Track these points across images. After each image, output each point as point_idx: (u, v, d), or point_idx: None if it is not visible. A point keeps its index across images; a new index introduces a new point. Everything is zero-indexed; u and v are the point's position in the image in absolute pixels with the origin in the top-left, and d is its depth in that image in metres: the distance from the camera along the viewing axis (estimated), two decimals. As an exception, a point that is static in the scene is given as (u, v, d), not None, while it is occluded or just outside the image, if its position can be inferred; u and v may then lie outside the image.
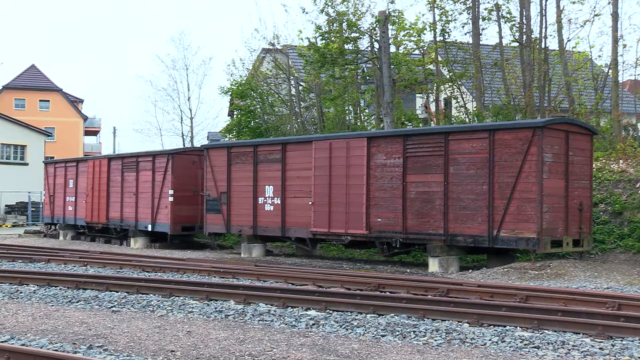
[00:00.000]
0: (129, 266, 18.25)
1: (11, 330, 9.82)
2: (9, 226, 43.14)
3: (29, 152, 49.63)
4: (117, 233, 27.78)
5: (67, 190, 30.95)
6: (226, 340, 9.15)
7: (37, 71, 70.76)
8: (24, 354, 7.64)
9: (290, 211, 20.75)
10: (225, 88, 37.03)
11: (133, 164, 26.78)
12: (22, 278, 14.93)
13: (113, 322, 10.46)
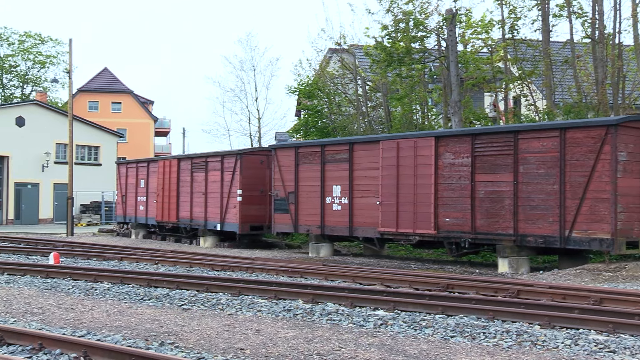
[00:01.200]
0: (199, 265, 18.53)
1: (87, 326, 10.09)
2: (84, 225, 44.31)
3: (102, 152, 50.88)
4: (187, 232, 28.22)
5: (138, 190, 31.58)
6: (295, 339, 9.20)
7: (110, 74, 72.44)
8: (100, 349, 7.84)
9: (358, 211, 20.74)
10: (292, 88, 37.24)
11: (202, 164, 27.16)
12: (96, 275, 15.32)
13: (184, 319, 10.63)
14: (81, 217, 45.78)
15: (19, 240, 28.58)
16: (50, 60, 72.86)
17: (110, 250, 23.27)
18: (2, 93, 72.31)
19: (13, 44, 71.54)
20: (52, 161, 47.17)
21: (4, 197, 45.60)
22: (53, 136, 47.17)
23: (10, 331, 8.82)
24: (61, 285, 14.60)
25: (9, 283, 14.99)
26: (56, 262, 18.76)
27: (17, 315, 11.07)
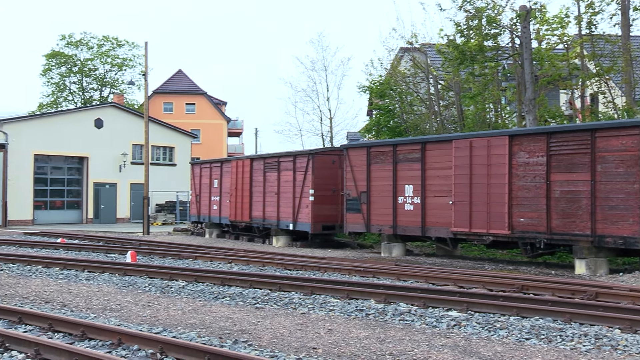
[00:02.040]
0: (272, 264, 18.68)
1: (163, 323, 10.29)
2: (159, 224, 45.22)
3: (176, 153, 51.83)
4: (259, 231, 28.49)
5: (212, 189, 32.04)
6: (367, 339, 9.18)
7: (184, 76, 73.77)
8: (176, 345, 7.99)
9: (430, 210, 20.58)
10: (364, 88, 37.20)
11: (274, 164, 27.38)
12: (172, 274, 15.61)
13: (257, 318, 10.73)
14: (157, 217, 46.74)
15: (98, 238, 29.37)
16: (126, 63, 74.73)
17: (185, 249, 23.67)
18: (82, 96, 74.50)
19: (92, 48, 73.65)
20: (129, 162, 48.30)
21: (84, 197, 46.92)
22: (130, 137, 48.31)
23: (91, 326, 9.07)
24: (138, 283, 14.93)
25: (89, 280, 15.42)
26: (133, 261, 19.20)
27: (97, 311, 11.37)
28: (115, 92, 70.07)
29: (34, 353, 8.01)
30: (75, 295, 13.07)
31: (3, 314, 10.44)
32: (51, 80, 74.19)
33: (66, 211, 46.76)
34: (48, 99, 74.44)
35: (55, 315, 9.89)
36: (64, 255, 21.79)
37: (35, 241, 27.22)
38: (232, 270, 16.60)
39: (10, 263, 18.80)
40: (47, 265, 18.10)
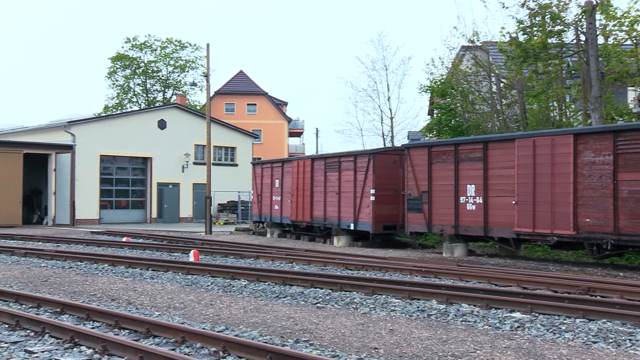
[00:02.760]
0: (333, 264, 18.69)
1: (226, 322, 10.40)
2: (221, 224, 45.74)
3: (238, 153, 52.35)
4: (320, 231, 28.55)
5: (273, 189, 32.24)
6: (429, 339, 9.11)
7: (245, 76, 74.45)
8: (238, 344, 8.06)
9: (493, 210, 20.32)
10: (424, 87, 36.95)
11: (335, 164, 27.40)
12: (234, 273, 15.76)
13: (318, 317, 10.75)
14: (219, 216, 47.28)
15: (161, 237, 29.86)
16: (189, 64, 75.86)
17: (247, 248, 23.87)
18: (146, 97, 75.91)
19: (155, 50, 74.98)
20: (192, 162, 48.98)
21: (148, 197, 47.76)
22: (192, 138, 48.98)
23: (156, 324, 9.22)
24: (201, 281, 15.12)
25: (153, 278, 15.68)
26: (196, 260, 19.45)
27: (161, 309, 11.56)
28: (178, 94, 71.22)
29: (101, 349, 8.19)
30: (140, 293, 13.31)
31: (72, 311, 10.71)
32: (116, 82, 75.83)
33: (131, 211, 47.68)
34: (113, 101, 76.13)
35: (121, 313, 10.09)
36: (129, 254, 22.22)
37: (102, 240, 27.84)
38: (293, 270, 16.67)
39: (78, 261, 19.27)
40: (113, 263, 18.49)
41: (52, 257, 20.15)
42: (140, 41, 74.53)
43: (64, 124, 44.07)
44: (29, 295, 12.09)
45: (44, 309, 11.18)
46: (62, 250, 22.36)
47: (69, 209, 42.44)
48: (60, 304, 11.10)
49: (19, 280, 15.39)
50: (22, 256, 20.82)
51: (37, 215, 45.99)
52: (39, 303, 11.48)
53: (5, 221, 39.26)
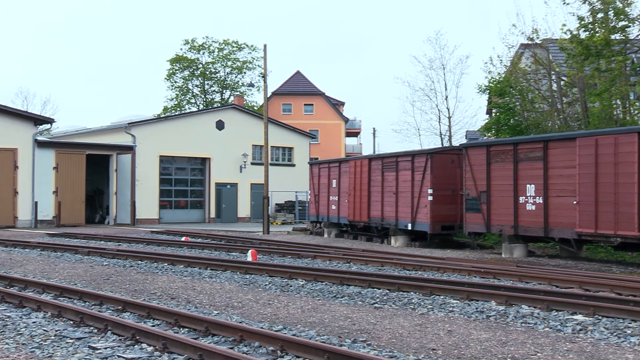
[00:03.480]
0: (390, 264, 18.62)
1: (283, 321, 10.44)
2: (279, 224, 46.00)
3: (295, 153, 52.58)
4: (378, 231, 28.47)
5: (330, 189, 32.27)
6: (488, 341, 9.00)
7: (302, 77, 74.75)
8: (296, 343, 8.08)
9: (553, 211, 19.96)
10: (482, 86, 36.52)
11: (392, 163, 27.29)
12: (291, 273, 15.82)
13: (375, 318, 10.72)
14: (276, 216, 47.54)
15: (220, 237, 30.16)
16: (246, 65, 76.51)
17: (304, 248, 23.94)
18: (204, 98, 76.85)
19: (213, 52, 75.85)
20: (249, 162, 49.38)
21: (206, 197, 48.32)
22: (250, 138, 49.36)
23: (215, 323, 9.31)
24: (258, 281, 15.22)
25: (212, 278, 15.85)
26: (254, 259, 19.59)
27: (220, 308, 11.67)
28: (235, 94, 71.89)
29: (161, 346, 8.31)
30: (199, 292, 13.47)
31: (133, 309, 10.90)
32: (175, 84, 76.94)
33: (190, 210, 48.30)
34: (172, 102, 77.28)
35: (180, 311, 10.22)
36: (188, 253, 22.50)
37: (161, 239, 28.27)
38: (350, 270, 16.66)
39: (138, 260, 19.60)
40: (173, 262, 18.76)
41: (114, 256, 20.54)
42: (198, 43, 75.51)
43: (124, 126, 44.91)
44: (92, 293, 12.34)
45: (106, 307, 11.41)
46: (123, 249, 22.78)
47: (130, 208, 43.22)
48: (121, 301, 11.31)
49: (83, 278, 15.74)
50: (85, 255, 21.28)
51: (99, 214, 46.97)
52: (101, 301, 11.71)
53: (69, 220, 40.21)
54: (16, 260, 19.93)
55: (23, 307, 11.37)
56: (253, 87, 71.72)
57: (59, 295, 12.64)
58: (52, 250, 22.90)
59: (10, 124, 39.02)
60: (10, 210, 38.66)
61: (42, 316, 10.62)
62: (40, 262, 19.23)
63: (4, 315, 10.74)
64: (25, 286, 13.84)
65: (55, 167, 40.17)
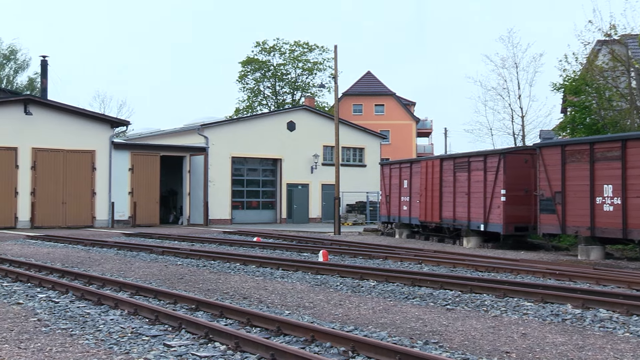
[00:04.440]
0: (462, 265, 18.41)
1: (355, 322, 10.43)
2: (350, 224, 46.00)
3: (366, 154, 52.51)
4: (449, 232, 28.20)
5: (401, 190, 32.12)
6: (564, 345, 8.80)
7: (372, 77, 74.60)
8: (367, 344, 8.06)
9: (633, 212, 19.39)
10: (557, 84, 35.75)
11: (464, 164, 26.99)
12: (362, 273, 15.79)
13: (447, 319, 10.61)
14: (347, 217, 47.57)
15: (291, 238, 30.35)
16: (317, 66, 76.81)
17: (375, 249, 23.88)
18: (275, 100, 77.51)
19: (284, 53, 76.42)
20: (320, 163, 49.53)
21: (277, 197, 48.69)
22: (320, 139, 49.52)
23: (286, 323, 9.37)
24: (330, 281, 15.25)
25: (283, 278, 15.96)
26: (325, 260, 19.63)
27: (291, 308, 11.74)
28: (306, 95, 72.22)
29: (234, 345, 8.40)
30: (271, 292, 13.57)
31: (206, 308, 11.06)
32: (247, 85, 77.82)
33: (261, 211, 48.75)
34: (244, 104, 78.17)
35: (253, 311, 10.31)
36: (260, 253, 22.71)
37: (234, 240, 28.61)
38: (422, 271, 16.54)
39: (211, 260, 19.88)
40: (245, 262, 18.96)
41: (187, 256, 20.89)
42: (269, 45, 76.17)
43: (197, 127, 45.64)
44: (166, 291, 12.57)
45: (180, 305, 11.60)
46: (196, 249, 23.14)
47: (203, 209, 43.89)
48: (195, 300, 11.48)
49: (157, 277, 16.05)
50: (159, 254, 21.71)
51: (173, 215, 47.84)
52: (175, 299, 11.92)
53: (144, 220, 41.11)
54: (94, 259, 20.48)
55: (101, 305, 11.68)
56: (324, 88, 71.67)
57: (135, 294, 12.92)
58: (128, 249, 23.44)
59: (88, 127, 40.12)
60: (89, 210, 39.75)
61: (119, 314, 10.88)
62: (117, 261, 19.71)
63: (84, 312, 11.05)
64: (103, 284, 14.20)
65: (130, 168, 41.13)
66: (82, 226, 38.96)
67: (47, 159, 38.43)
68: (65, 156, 39.03)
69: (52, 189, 38.43)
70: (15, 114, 37.63)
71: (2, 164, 37.13)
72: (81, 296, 12.45)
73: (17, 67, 76.20)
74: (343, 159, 50.34)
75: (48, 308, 11.45)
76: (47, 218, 38.21)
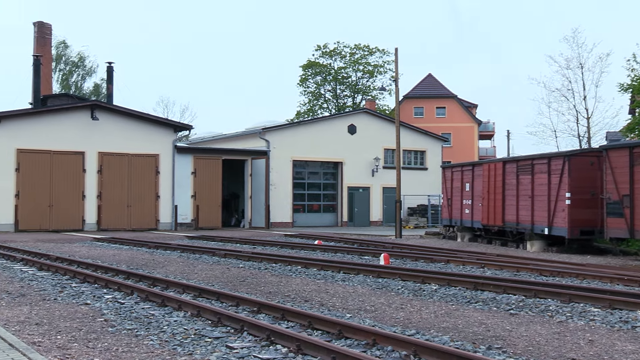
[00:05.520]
0: (526, 269, 18.12)
1: (416, 326, 10.36)
2: (411, 227, 45.74)
3: (427, 157, 52.15)
4: (512, 236, 27.79)
5: (463, 193, 31.81)
6: (634, 353, 8.57)
7: (434, 80, 74.05)
8: (429, 348, 7.99)
9: None
10: (625, 85, 34.93)
11: (528, 166, 26.57)
12: (424, 277, 15.68)
13: (511, 324, 10.45)
14: (408, 220, 47.32)
15: (352, 241, 30.32)
16: (377, 69, 76.72)
17: (437, 252, 23.69)
18: (336, 103, 77.67)
19: (345, 57, 76.56)
20: (381, 166, 49.37)
21: (338, 200, 48.71)
22: (381, 142, 49.37)
23: (348, 326, 9.36)
24: (391, 285, 15.18)
25: (344, 281, 15.94)
26: (386, 263, 19.56)
27: (352, 311, 11.72)
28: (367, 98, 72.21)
29: (295, 348, 8.43)
30: (332, 295, 13.58)
31: (268, 310, 11.12)
32: (307, 89, 78.19)
33: (322, 214, 48.84)
34: (305, 107, 78.56)
35: (314, 314, 10.33)
36: (321, 256, 22.75)
37: (295, 243, 28.75)
38: (485, 275, 16.34)
39: (273, 263, 20.00)
40: (306, 265, 19.01)
41: (249, 259, 21.06)
42: (330, 48, 76.42)
43: (258, 131, 46.01)
44: (228, 294, 12.69)
45: (242, 308, 11.69)
46: (258, 252, 23.31)
47: (264, 212, 44.21)
48: (257, 303, 11.56)
49: (220, 279, 16.22)
50: (222, 257, 21.93)
51: (234, 218, 48.32)
52: (237, 302, 12.02)
53: (207, 223, 41.62)
54: (158, 261, 20.82)
55: (165, 306, 11.85)
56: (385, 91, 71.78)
57: (197, 296, 13.08)
58: (191, 252, 23.76)
59: (152, 131, 40.85)
60: (153, 213, 40.45)
61: (183, 315, 11.03)
62: (180, 264, 19.99)
63: (148, 313, 11.24)
64: (167, 286, 14.42)
65: (193, 172, 41.70)
66: (146, 229, 39.66)
67: (112, 162, 39.27)
68: (130, 160, 39.82)
69: (117, 192, 39.25)
70: (82, 119, 38.57)
71: (71, 168, 38.09)
72: (146, 297, 12.67)
73: (85, 74, 78.20)
74: (404, 161, 50.06)
75: (114, 309, 11.68)
76: (112, 221, 39.04)
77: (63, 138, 37.91)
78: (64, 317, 10.91)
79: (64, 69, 76.73)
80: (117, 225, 38.91)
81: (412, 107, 70.72)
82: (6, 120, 36.81)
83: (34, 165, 37.15)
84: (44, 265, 18.31)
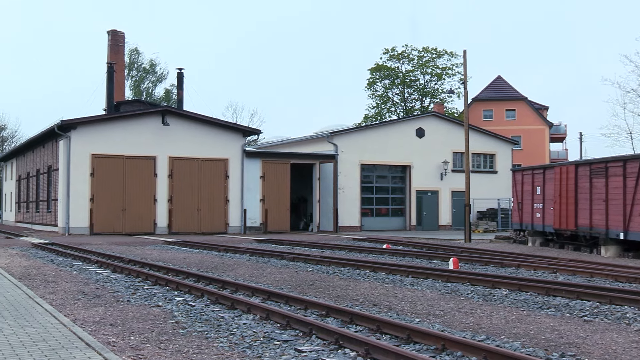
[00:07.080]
0: (601, 275, 17.67)
1: (486, 331, 10.21)
2: (481, 231, 45.15)
3: (497, 160, 51.41)
4: (586, 240, 27.14)
5: (534, 196, 31.24)
6: None
7: (503, 82, 73.05)
8: (500, 355, 7.85)
9: None
10: None
11: (601, 169, 25.91)
12: (494, 282, 15.45)
13: (585, 332, 10.20)
14: (478, 224, 46.73)
15: (421, 245, 30.12)
16: (445, 72, 76.11)
17: (507, 257, 23.30)
18: (404, 106, 77.33)
19: (413, 60, 76.18)
20: (450, 169, 48.91)
21: (407, 204, 48.46)
22: (450, 145, 48.92)
23: (416, 330, 9.29)
24: (460, 289, 15.00)
25: (413, 285, 15.84)
26: (455, 267, 19.35)
27: (421, 316, 11.63)
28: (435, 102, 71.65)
29: (364, 352, 8.40)
30: (401, 300, 13.50)
31: (336, 314, 11.12)
32: (375, 92, 78.09)
33: (390, 218, 48.65)
34: (373, 111, 78.49)
35: (382, 318, 10.29)
36: (389, 260, 22.64)
37: (363, 246, 28.70)
38: (557, 280, 16.00)
39: (341, 266, 20.00)
40: (374, 269, 18.95)
41: (317, 262, 21.11)
42: (397, 52, 76.13)
43: (326, 135, 46.14)
44: (297, 297, 12.75)
45: (310, 311, 11.73)
46: (326, 255, 23.34)
47: (332, 216, 44.29)
48: (325, 307, 11.57)
49: (288, 283, 16.30)
50: (290, 260, 22.05)
51: (303, 222, 48.55)
52: (306, 305, 12.06)
53: (275, 227, 41.96)
54: (227, 264, 21.06)
55: (234, 309, 11.98)
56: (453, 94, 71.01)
57: (266, 299, 13.17)
58: (260, 255, 23.96)
59: (222, 136, 41.42)
60: (222, 217, 40.99)
61: (252, 318, 11.12)
62: (249, 267, 20.18)
63: (218, 315, 11.38)
64: (236, 289, 14.56)
65: (262, 176, 42.09)
66: (215, 232, 40.20)
67: (182, 167, 39.97)
68: (200, 164, 40.45)
69: (187, 196, 39.93)
70: (153, 125, 39.39)
71: (142, 173, 38.93)
72: (215, 300, 12.82)
73: (156, 80, 79.89)
74: (473, 165, 49.48)
75: (185, 311, 11.86)
76: (183, 224, 39.72)
77: (135, 143, 38.80)
78: (137, 318, 11.14)
79: (136, 75, 78.62)
80: (187, 229, 39.57)
81: (482, 109, 69.90)
82: (81, 127, 37.89)
83: (107, 169, 38.10)
84: (117, 268, 18.75)
